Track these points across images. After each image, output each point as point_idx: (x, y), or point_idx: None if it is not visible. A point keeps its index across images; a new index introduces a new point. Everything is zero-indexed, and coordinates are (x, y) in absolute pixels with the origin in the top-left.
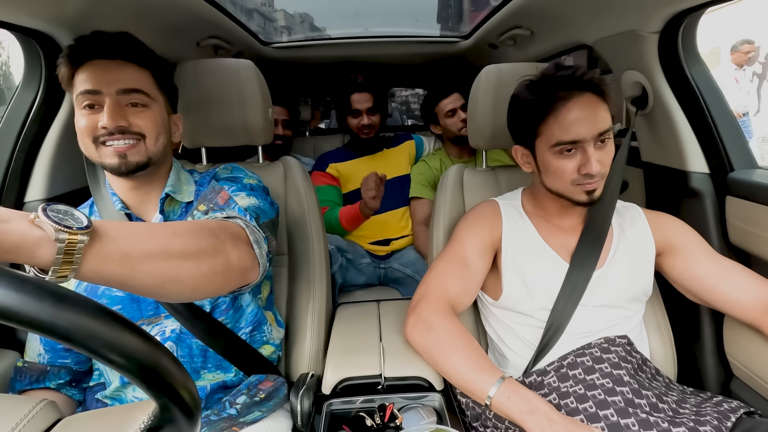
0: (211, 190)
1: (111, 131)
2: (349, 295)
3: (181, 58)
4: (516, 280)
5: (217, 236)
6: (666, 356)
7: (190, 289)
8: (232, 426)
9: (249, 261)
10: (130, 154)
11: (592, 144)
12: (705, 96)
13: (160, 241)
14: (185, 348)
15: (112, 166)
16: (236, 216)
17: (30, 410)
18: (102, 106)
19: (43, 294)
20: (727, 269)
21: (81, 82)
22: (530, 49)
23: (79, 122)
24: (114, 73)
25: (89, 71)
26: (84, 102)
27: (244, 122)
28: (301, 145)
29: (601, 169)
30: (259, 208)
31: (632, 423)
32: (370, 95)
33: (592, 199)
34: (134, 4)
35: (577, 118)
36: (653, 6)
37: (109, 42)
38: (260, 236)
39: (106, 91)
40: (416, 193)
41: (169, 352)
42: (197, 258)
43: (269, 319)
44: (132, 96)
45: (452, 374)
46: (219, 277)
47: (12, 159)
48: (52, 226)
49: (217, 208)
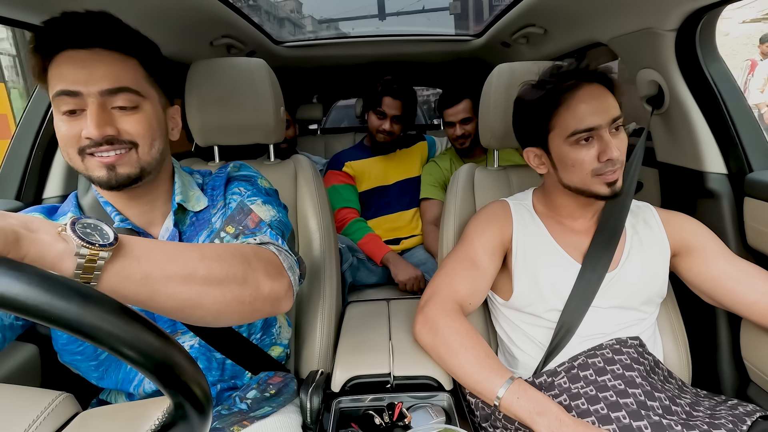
0: (239, 211)
1: (98, 142)
2: (358, 294)
3: (194, 57)
4: (527, 280)
5: (250, 263)
6: (680, 359)
7: (211, 316)
8: (242, 420)
9: (283, 291)
10: (119, 165)
11: (608, 130)
12: (723, 95)
13: (186, 264)
14: (205, 361)
15: (100, 179)
16: (269, 242)
17: (49, 404)
18: (84, 110)
19: (66, 292)
20: (745, 271)
21: (56, 80)
22: (543, 48)
23: (59, 129)
24: (94, 68)
25: (64, 65)
26: (62, 107)
27: (256, 121)
28: (312, 144)
29: (620, 156)
30: (281, 222)
31: (645, 425)
32: (401, 104)
33: (614, 191)
34: (148, 4)
35: (589, 106)
36: (670, 3)
37: (85, 26)
38: (293, 261)
39: (87, 92)
40: (426, 194)
41: (182, 348)
42: (222, 285)
43: (279, 319)
44: (119, 97)
45: (461, 374)
46: (246, 306)
47: (31, 157)
48: (75, 240)
49: (248, 232)
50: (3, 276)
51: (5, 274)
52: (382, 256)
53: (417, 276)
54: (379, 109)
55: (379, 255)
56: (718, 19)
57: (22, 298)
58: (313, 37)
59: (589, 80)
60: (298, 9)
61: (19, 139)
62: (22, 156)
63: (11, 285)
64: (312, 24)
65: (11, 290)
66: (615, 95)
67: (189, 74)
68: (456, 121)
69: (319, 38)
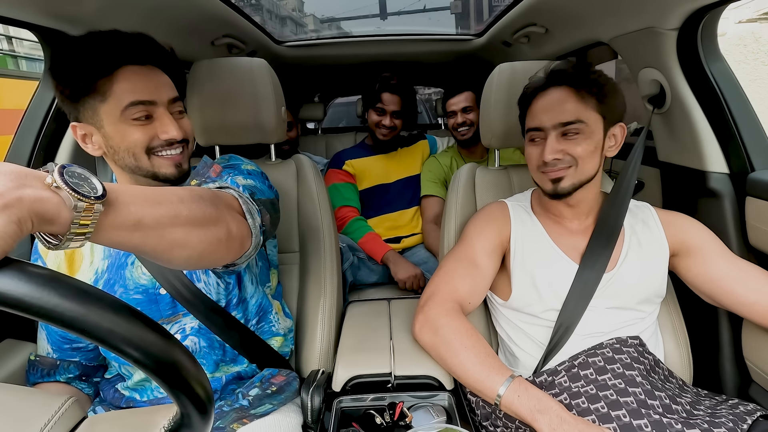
0: (204, 165)
1: (172, 141)
2: (359, 293)
3: (195, 57)
4: (525, 281)
5: (216, 205)
6: (681, 359)
7: (197, 256)
8: (242, 417)
9: (245, 230)
10: (183, 162)
11: (554, 133)
12: (725, 94)
13: (170, 206)
14: (206, 341)
15: (167, 175)
16: (228, 186)
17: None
18: (151, 116)
19: (69, 291)
20: (745, 271)
21: (126, 93)
22: (545, 47)
23: (131, 135)
24: (157, 81)
25: (132, 78)
26: (136, 113)
27: (258, 120)
28: (313, 144)
29: (557, 159)
30: (255, 187)
31: (645, 424)
32: (399, 99)
33: (556, 190)
34: (150, 3)
35: (542, 107)
36: (672, 3)
37: (139, 45)
38: (253, 208)
39: (161, 101)
40: (427, 190)
41: (184, 348)
42: (203, 225)
43: (275, 307)
44: (177, 104)
45: (461, 373)
46: (222, 245)
47: (33, 156)
48: (70, 193)
49: (209, 180)
50: (7, 276)
51: (9, 274)
52: (383, 254)
53: (416, 274)
54: (379, 105)
55: (379, 254)
56: (719, 18)
57: (25, 298)
58: (315, 37)
59: (559, 84)
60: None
61: (20, 139)
62: (24, 157)
63: (16, 285)
64: (314, 23)
65: (16, 291)
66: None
67: (190, 74)
68: (458, 109)
69: (320, 38)
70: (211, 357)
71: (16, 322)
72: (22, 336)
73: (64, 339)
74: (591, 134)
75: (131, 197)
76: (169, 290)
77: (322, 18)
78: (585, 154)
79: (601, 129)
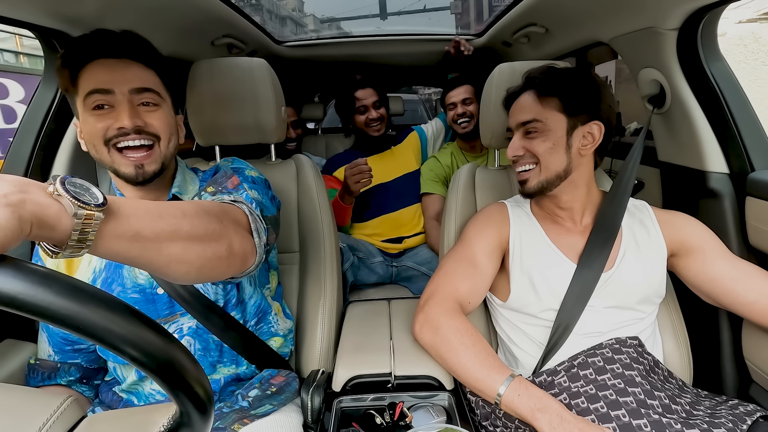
0: (223, 174)
1: (127, 131)
2: (359, 293)
3: (195, 57)
4: (523, 281)
5: (221, 220)
6: (681, 359)
7: (195, 271)
8: (243, 418)
9: (249, 247)
10: (146, 164)
11: (518, 132)
12: (725, 94)
13: (171, 221)
14: (202, 342)
15: (127, 175)
16: (242, 201)
17: (58, 407)
18: (113, 107)
19: (68, 290)
20: (744, 271)
21: (88, 82)
22: (545, 47)
23: (88, 123)
24: (123, 72)
25: (97, 70)
26: (94, 102)
27: (258, 120)
28: (313, 144)
29: (519, 156)
30: (261, 202)
31: (644, 424)
32: (373, 90)
33: (524, 190)
34: (150, 3)
35: (513, 109)
36: (672, 3)
37: (115, 40)
38: (261, 226)
39: (119, 90)
40: (427, 189)
41: (184, 347)
42: (203, 241)
43: (275, 308)
44: (144, 95)
45: (461, 372)
46: (222, 261)
47: (33, 156)
48: (71, 201)
49: (225, 191)
50: (2, 274)
51: (4, 271)
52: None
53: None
54: (358, 105)
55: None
56: (719, 18)
57: (23, 297)
58: (315, 37)
59: (528, 88)
60: (299, 8)
61: (21, 139)
62: (24, 156)
63: (13, 283)
64: (314, 23)
65: (13, 289)
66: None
67: (190, 74)
68: (458, 101)
69: (320, 38)
70: (206, 360)
71: (16, 323)
72: (22, 336)
73: (66, 341)
74: (548, 132)
75: (132, 209)
76: (167, 290)
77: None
78: (543, 151)
79: (562, 128)
